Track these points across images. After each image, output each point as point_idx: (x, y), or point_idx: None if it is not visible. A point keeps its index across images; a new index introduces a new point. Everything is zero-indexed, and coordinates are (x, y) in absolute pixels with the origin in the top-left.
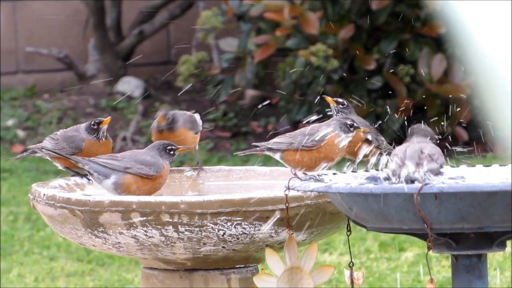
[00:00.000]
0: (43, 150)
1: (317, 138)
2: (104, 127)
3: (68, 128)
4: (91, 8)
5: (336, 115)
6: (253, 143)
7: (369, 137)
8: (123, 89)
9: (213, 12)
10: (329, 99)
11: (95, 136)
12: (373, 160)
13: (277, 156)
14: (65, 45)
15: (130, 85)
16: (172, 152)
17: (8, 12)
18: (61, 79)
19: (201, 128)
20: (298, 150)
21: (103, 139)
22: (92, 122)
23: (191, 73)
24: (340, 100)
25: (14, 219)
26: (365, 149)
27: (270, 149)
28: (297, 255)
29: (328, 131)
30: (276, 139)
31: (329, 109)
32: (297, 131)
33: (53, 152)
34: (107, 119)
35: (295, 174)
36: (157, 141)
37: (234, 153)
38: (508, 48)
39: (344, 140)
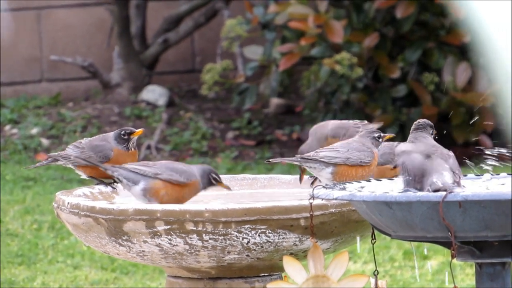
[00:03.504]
0: (70, 158)
1: (369, 155)
2: (135, 138)
3: (93, 137)
4: (115, 16)
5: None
6: (287, 159)
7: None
8: (147, 98)
9: (238, 20)
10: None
11: (124, 146)
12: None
13: (326, 170)
14: (90, 54)
15: (154, 94)
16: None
17: (33, 20)
18: (85, 87)
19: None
20: (354, 165)
21: (132, 149)
22: (123, 132)
23: (216, 81)
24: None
25: (38, 227)
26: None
27: (319, 162)
28: (323, 263)
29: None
30: (324, 153)
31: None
32: (342, 146)
33: (82, 160)
34: (139, 131)
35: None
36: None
37: (266, 160)
38: None
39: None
